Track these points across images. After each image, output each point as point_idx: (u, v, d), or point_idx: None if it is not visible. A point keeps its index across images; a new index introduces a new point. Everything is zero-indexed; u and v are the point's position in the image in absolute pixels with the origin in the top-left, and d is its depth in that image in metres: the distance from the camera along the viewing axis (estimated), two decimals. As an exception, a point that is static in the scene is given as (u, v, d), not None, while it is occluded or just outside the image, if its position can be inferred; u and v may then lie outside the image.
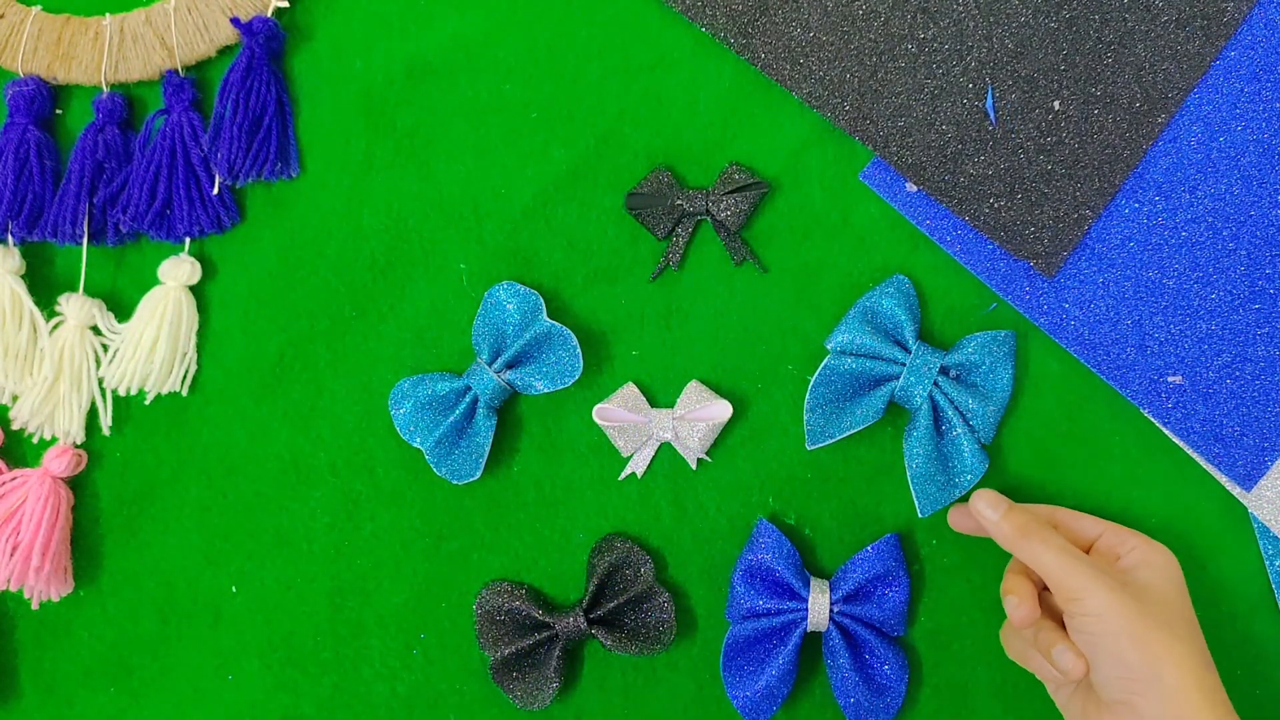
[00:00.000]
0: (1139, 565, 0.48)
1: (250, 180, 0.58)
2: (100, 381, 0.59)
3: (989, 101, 0.54)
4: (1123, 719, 0.46)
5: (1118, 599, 0.46)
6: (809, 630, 0.53)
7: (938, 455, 0.53)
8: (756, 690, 0.53)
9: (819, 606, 0.53)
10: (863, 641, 0.54)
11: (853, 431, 0.53)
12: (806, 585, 0.53)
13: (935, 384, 0.53)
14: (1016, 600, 0.50)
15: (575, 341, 0.54)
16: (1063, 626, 0.49)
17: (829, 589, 0.54)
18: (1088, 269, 0.54)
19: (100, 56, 0.58)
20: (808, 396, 0.54)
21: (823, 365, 0.53)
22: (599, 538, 0.57)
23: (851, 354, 0.53)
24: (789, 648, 0.53)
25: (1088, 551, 0.51)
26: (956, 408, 0.53)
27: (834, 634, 0.53)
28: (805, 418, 0.54)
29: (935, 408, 0.53)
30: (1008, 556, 0.54)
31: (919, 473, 0.53)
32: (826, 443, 0.54)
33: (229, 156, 0.56)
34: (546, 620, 0.55)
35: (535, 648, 0.55)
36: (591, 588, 0.55)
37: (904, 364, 0.53)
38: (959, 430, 0.53)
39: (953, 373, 0.53)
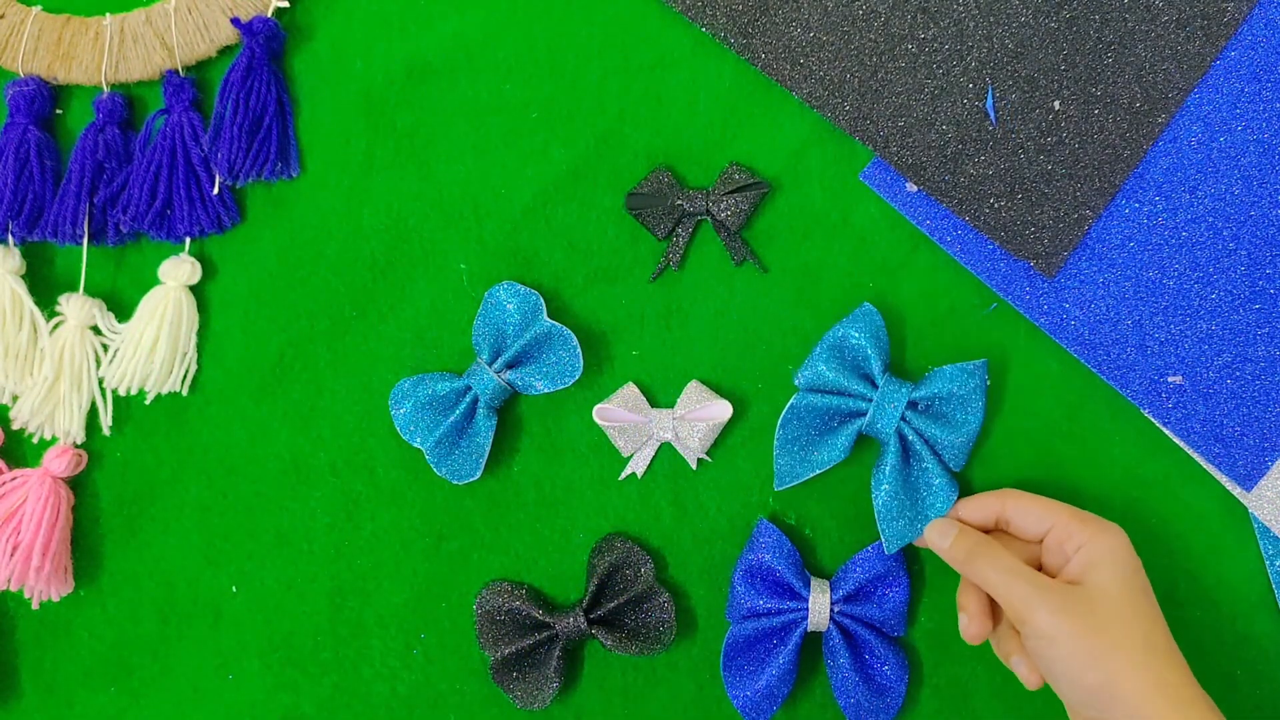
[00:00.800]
0: (1088, 566, 0.47)
1: (250, 180, 0.58)
2: (100, 381, 0.59)
3: (989, 101, 0.54)
4: None
5: (1065, 621, 0.45)
6: (809, 630, 0.53)
7: (905, 490, 0.52)
8: (757, 690, 0.53)
9: (819, 606, 0.53)
10: (863, 642, 0.54)
11: (820, 471, 0.53)
12: (807, 585, 0.53)
13: (904, 418, 0.52)
14: (966, 619, 0.50)
15: (575, 341, 0.54)
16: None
17: (829, 589, 0.54)
18: (1088, 269, 0.54)
19: (100, 56, 0.58)
20: (776, 436, 0.53)
21: (790, 404, 0.53)
22: (599, 538, 0.57)
23: (819, 390, 0.53)
24: (789, 647, 0.53)
25: (1040, 545, 0.50)
26: (925, 440, 0.52)
27: (834, 634, 0.53)
28: (775, 458, 0.54)
29: (903, 442, 0.52)
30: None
31: (884, 508, 0.52)
32: (794, 483, 0.54)
33: (229, 156, 0.56)
34: (546, 620, 0.55)
35: (535, 648, 0.55)
36: (591, 588, 0.55)
37: (871, 399, 0.52)
38: (928, 463, 0.52)
39: (921, 405, 0.53)
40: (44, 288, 0.59)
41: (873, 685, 0.54)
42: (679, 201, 0.55)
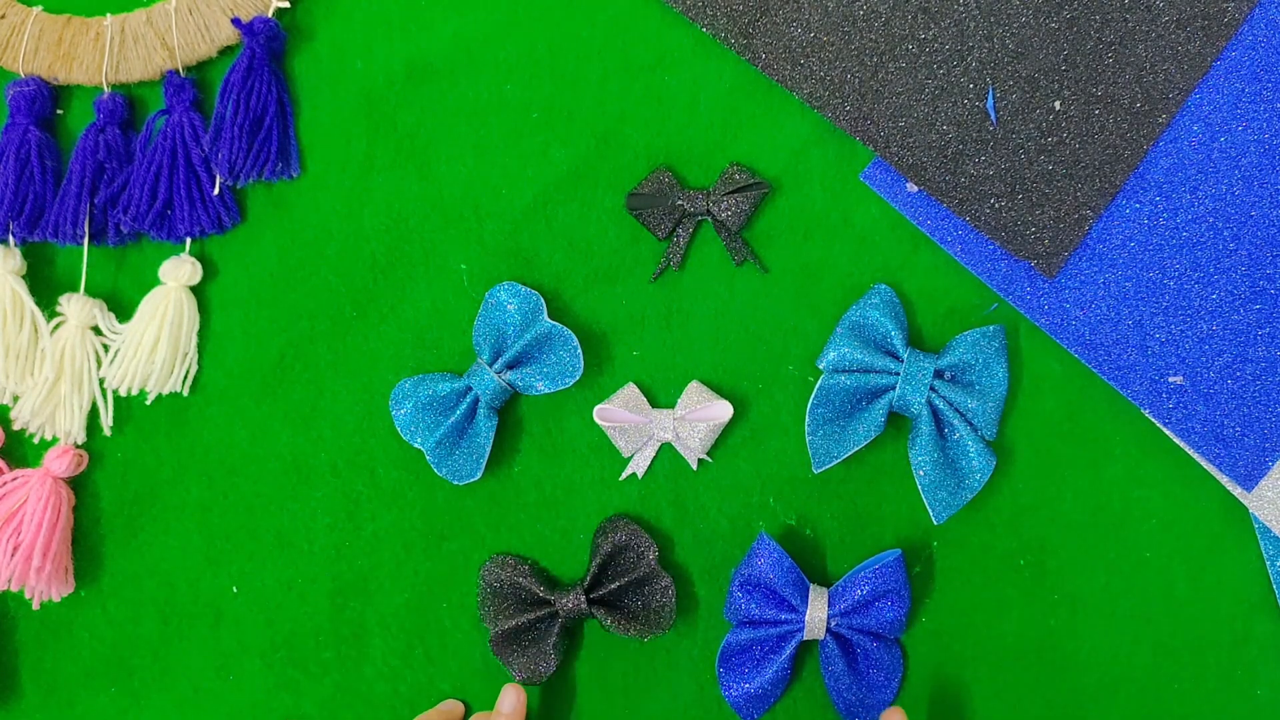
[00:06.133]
0: None
1: (251, 180, 0.58)
2: (101, 382, 0.59)
3: (989, 101, 0.54)
4: None
5: None
6: (806, 639, 0.53)
7: (944, 460, 0.53)
8: (749, 691, 0.54)
9: (816, 620, 0.53)
10: (859, 648, 0.54)
11: (858, 448, 0.53)
12: (805, 599, 0.53)
13: (932, 388, 0.53)
14: None
15: (576, 342, 0.54)
16: None
17: (828, 600, 0.53)
18: (1088, 269, 0.54)
19: (101, 57, 0.58)
20: (808, 419, 0.53)
21: (818, 385, 0.53)
22: (603, 520, 0.57)
23: (845, 370, 0.53)
24: (783, 657, 0.53)
25: None
26: (956, 409, 0.53)
27: (830, 642, 0.53)
28: (808, 441, 0.54)
29: (935, 412, 0.53)
30: (1010, 555, 0.54)
31: (928, 480, 0.53)
32: (832, 464, 0.54)
33: (230, 157, 0.56)
34: (547, 598, 0.55)
35: (535, 624, 0.55)
36: (594, 568, 0.54)
37: (898, 373, 0.53)
38: (961, 432, 0.52)
39: (947, 374, 0.53)
40: (44, 288, 0.59)
41: (866, 684, 0.54)
42: (679, 202, 0.55)
